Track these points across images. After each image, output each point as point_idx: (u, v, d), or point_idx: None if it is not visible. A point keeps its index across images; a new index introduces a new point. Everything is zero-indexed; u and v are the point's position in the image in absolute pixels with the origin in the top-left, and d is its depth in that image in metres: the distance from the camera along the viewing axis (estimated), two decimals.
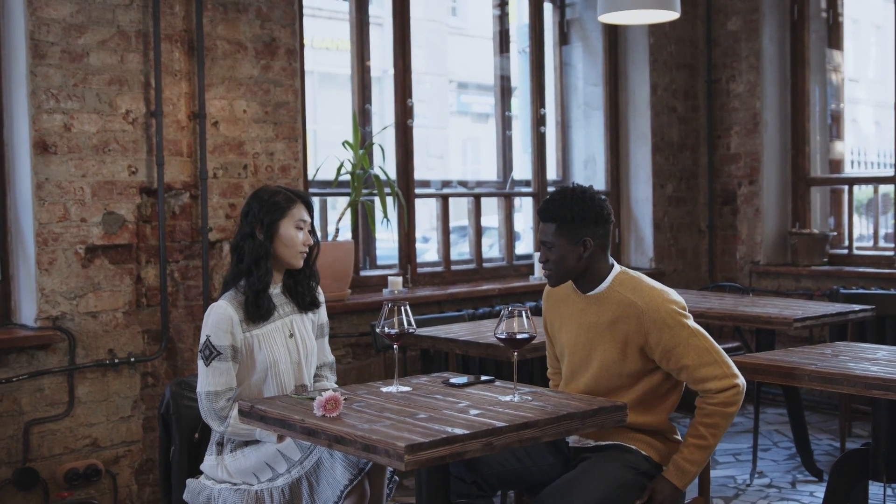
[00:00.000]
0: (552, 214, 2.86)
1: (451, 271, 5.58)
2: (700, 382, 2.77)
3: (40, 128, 3.85)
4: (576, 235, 2.84)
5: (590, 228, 2.85)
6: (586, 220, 2.84)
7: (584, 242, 2.84)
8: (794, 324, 4.15)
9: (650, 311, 2.78)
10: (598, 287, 2.90)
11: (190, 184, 4.26)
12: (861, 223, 7.69)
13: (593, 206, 2.86)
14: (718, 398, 2.75)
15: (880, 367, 3.00)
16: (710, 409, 2.76)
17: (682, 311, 2.82)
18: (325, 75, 13.89)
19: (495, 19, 6.07)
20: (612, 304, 2.86)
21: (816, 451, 4.88)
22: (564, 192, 2.88)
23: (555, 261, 2.86)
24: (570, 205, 2.84)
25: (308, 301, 3.12)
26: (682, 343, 2.77)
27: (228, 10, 4.35)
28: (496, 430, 2.31)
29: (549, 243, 2.86)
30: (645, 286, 2.85)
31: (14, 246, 3.95)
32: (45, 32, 3.85)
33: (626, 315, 2.82)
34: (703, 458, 2.77)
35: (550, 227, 2.86)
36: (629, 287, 2.86)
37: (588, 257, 2.86)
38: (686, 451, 2.78)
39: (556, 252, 2.85)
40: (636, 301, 2.81)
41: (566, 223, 2.84)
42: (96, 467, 3.98)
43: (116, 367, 4.05)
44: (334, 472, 2.81)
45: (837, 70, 6.56)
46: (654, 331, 2.77)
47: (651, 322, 2.78)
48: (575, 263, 2.86)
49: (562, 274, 2.88)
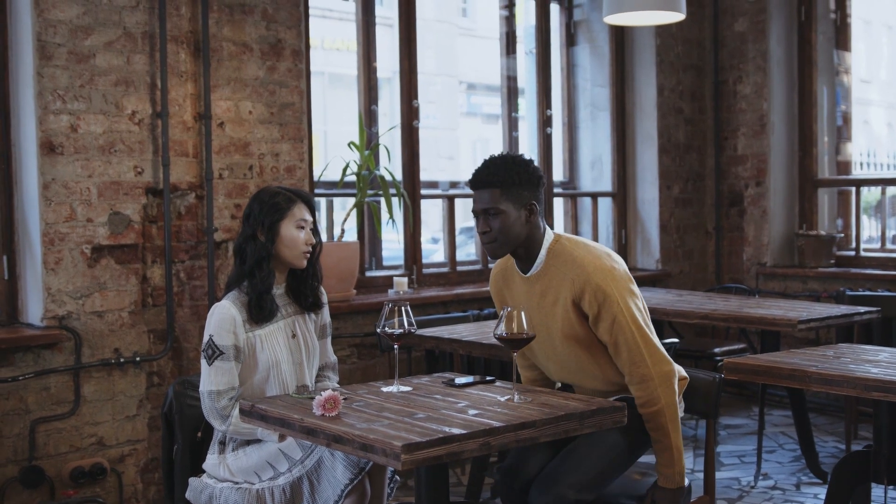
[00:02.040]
0: (494, 179, 2.77)
1: (457, 272, 5.59)
2: (618, 361, 2.79)
3: (47, 128, 3.88)
4: (520, 199, 2.78)
5: (532, 192, 2.80)
6: (530, 183, 2.79)
7: (529, 206, 2.79)
8: (798, 325, 4.15)
9: (579, 280, 2.76)
10: (535, 264, 2.86)
11: (195, 184, 4.29)
12: (869, 225, 7.67)
13: (534, 169, 2.82)
14: (638, 396, 2.77)
15: (881, 370, 2.99)
16: (642, 412, 2.78)
17: (615, 280, 2.77)
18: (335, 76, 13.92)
19: (502, 20, 6.08)
20: (551, 278, 2.83)
21: (822, 453, 4.87)
22: (503, 157, 2.81)
23: (500, 228, 2.77)
24: (513, 168, 2.78)
25: (311, 302, 3.14)
26: (608, 318, 2.75)
27: (234, 11, 4.37)
28: (494, 430, 2.32)
29: (492, 210, 2.77)
30: (578, 255, 2.81)
31: (21, 246, 3.98)
32: (51, 34, 3.88)
33: (562, 288, 2.80)
34: (670, 456, 2.78)
35: (493, 192, 2.77)
36: (561, 258, 2.83)
37: (531, 224, 2.81)
38: (657, 456, 2.82)
39: (501, 218, 2.77)
40: (567, 272, 2.79)
41: (511, 186, 2.76)
42: (102, 466, 4.01)
43: (122, 367, 4.08)
44: (335, 472, 2.82)
45: (847, 71, 6.54)
46: (583, 299, 2.76)
47: (580, 291, 2.76)
48: (520, 230, 2.79)
49: (508, 241, 2.80)
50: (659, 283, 6.19)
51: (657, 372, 2.77)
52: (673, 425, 2.77)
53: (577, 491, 2.76)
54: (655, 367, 2.77)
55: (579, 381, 2.95)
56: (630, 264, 6.20)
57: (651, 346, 2.78)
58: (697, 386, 3.05)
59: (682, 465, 2.81)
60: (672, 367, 2.81)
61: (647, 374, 2.76)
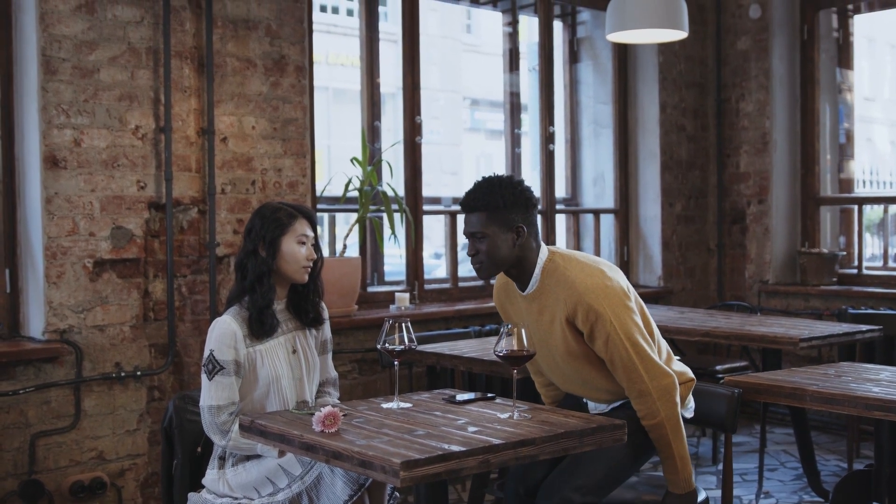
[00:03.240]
0: (480, 203, 2.79)
1: (459, 288, 5.60)
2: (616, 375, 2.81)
3: (50, 142, 3.89)
4: (508, 222, 2.78)
5: (521, 214, 2.81)
6: (517, 205, 2.79)
7: (517, 229, 2.80)
8: (800, 343, 4.13)
9: (571, 299, 2.77)
10: (531, 283, 2.87)
11: (198, 199, 4.30)
12: (872, 243, 7.66)
13: (522, 191, 2.82)
14: (638, 409, 2.80)
15: (882, 388, 2.99)
16: (644, 424, 2.80)
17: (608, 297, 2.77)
18: (340, 91, 13.95)
19: (506, 37, 6.11)
20: (547, 299, 2.84)
21: (824, 471, 4.85)
22: (490, 181, 2.82)
23: (486, 251, 2.79)
24: (499, 191, 2.78)
25: (312, 317, 3.14)
26: (601, 336, 2.76)
27: (238, 27, 4.39)
28: (493, 448, 2.31)
29: (479, 234, 2.79)
30: (571, 275, 2.81)
31: (23, 259, 3.99)
32: (56, 49, 3.90)
33: (556, 308, 2.81)
34: (674, 465, 2.80)
35: (479, 217, 2.79)
36: (555, 277, 2.83)
37: (520, 245, 2.82)
38: (663, 465, 2.85)
39: (488, 242, 2.78)
40: (560, 292, 2.80)
41: (497, 210, 2.77)
42: (102, 480, 4.00)
43: (123, 381, 4.08)
44: (334, 488, 2.81)
45: (850, 89, 6.55)
46: (577, 317, 2.78)
47: (572, 309, 2.77)
48: (508, 252, 2.80)
49: (495, 264, 2.82)
50: (661, 300, 6.18)
51: (654, 386, 2.77)
52: (674, 435, 2.79)
53: (583, 495, 2.78)
54: (653, 381, 2.77)
55: (586, 393, 2.99)
56: (632, 281, 6.20)
57: (647, 360, 2.78)
58: (715, 400, 3.07)
59: (688, 471, 2.82)
60: (672, 378, 2.81)
61: (644, 390, 2.77)
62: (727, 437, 3.06)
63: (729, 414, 3.03)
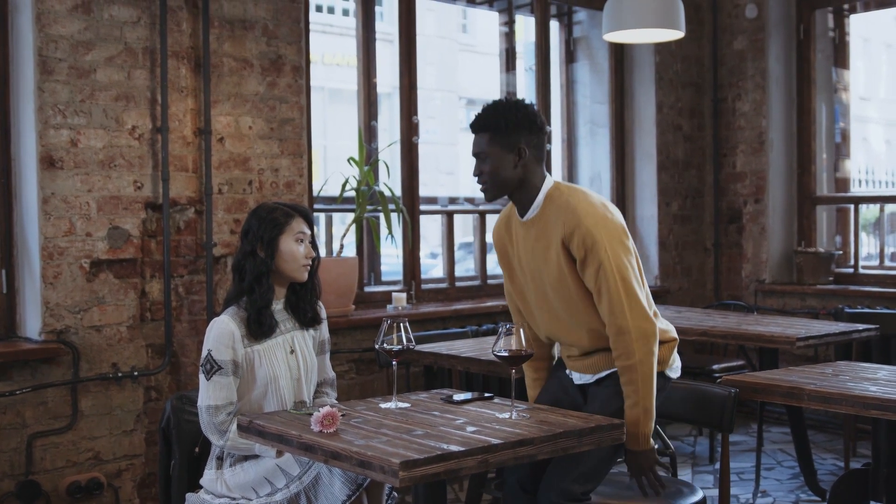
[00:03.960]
0: (485, 124, 2.81)
1: (456, 287, 5.60)
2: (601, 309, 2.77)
3: (47, 143, 3.88)
4: (510, 143, 2.79)
5: (524, 136, 2.80)
6: (520, 127, 2.79)
7: (518, 150, 2.80)
8: (797, 343, 4.14)
9: (569, 224, 2.75)
10: (532, 208, 2.86)
11: (195, 199, 4.29)
12: (867, 242, 7.67)
13: (527, 113, 2.81)
14: (615, 347, 2.75)
15: (880, 388, 3.00)
16: (618, 365, 2.76)
17: (608, 230, 2.76)
18: (336, 91, 13.96)
19: (502, 37, 6.10)
20: (545, 223, 2.83)
21: (820, 470, 4.86)
22: (497, 103, 2.83)
23: (489, 171, 2.81)
24: (503, 112, 2.79)
25: (310, 317, 3.14)
26: (594, 264, 2.74)
27: (235, 27, 4.38)
28: (492, 448, 2.31)
29: (483, 154, 2.81)
30: (573, 202, 2.80)
31: (20, 259, 3.99)
32: (52, 49, 3.89)
33: (554, 233, 2.80)
34: (637, 415, 2.75)
35: (483, 137, 2.81)
36: (557, 204, 2.82)
37: (523, 167, 2.81)
38: (626, 413, 2.78)
39: (491, 162, 2.80)
40: (560, 216, 2.79)
41: (500, 131, 2.79)
42: (98, 481, 3.99)
43: (120, 381, 4.07)
44: (333, 488, 2.81)
45: (846, 89, 6.56)
46: (572, 242, 2.76)
47: (570, 235, 2.75)
48: (510, 173, 2.81)
49: (498, 185, 2.83)
50: (657, 299, 6.18)
51: (635, 326, 2.73)
52: (644, 383, 2.74)
53: (581, 483, 2.78)
54: (635, 321, 2.74)
55: (566, 334, 2.93)
56: None
57: (634, 299, 2.75)
58: (712, 400, 3.06)
59: (649, 427, 2.77)
60: (653, 326, 2.77)
61: (624, 327, 2.73)
62: (724, 437, 3.06)
63: (726, 413, 3.03)
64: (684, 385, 3.19)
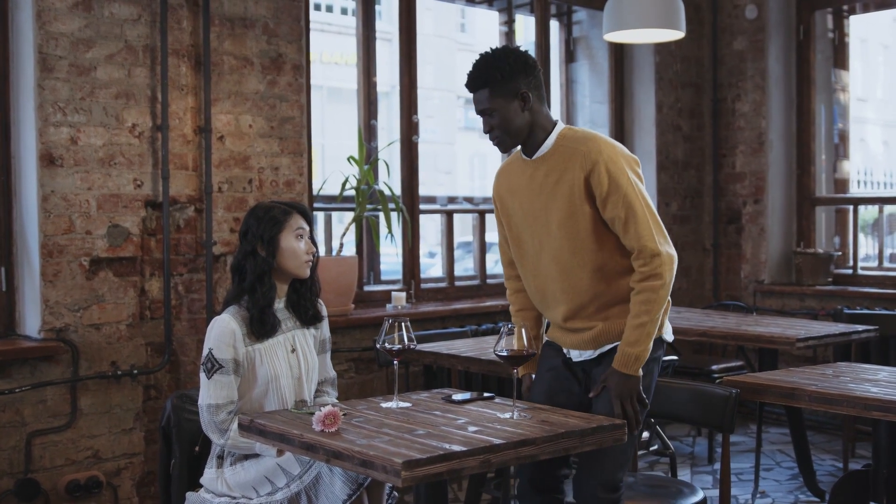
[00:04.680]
0: (481, 79, 2.79)
1: (455, 287, 5.59)
2: (626, 238, 2.74)
3: (47, 140, 3.88)
4: (511, 91, 2.77)
5: (522, 80, 2.78)
6: (516, 72, 2.77)
7: (521, 95, 2.78)
8: (796, 343, 4.14)
9: (592, 154, 2.73)
10: (544, 145, 2.84)
11: (195, 197, 4.29)
12: (866, 243, 7.68)
13: (517, 57, 2.80)
14: (642, 271, 2.72)
15: (881, 389, 3.00)
16: (638, 286, 2.73)
17: (626, 159, 2.77)
18: (334, 90, 13.95)
19: (502, 36, 6.10)
20: (558, 157, 2.81)
21: (819, 471, 4.87)
22: (485, 56, 2.81)
23: (499, 124, 2.80)
24: (495, 63, 2.78)
25: (311, 315, 3.13)
26: (618, 192, 2.72)
27: (235, 25, 4.38)
28: (494, 448, 2.31)
29: (488, 110, 2.80)
30: (590, 135, 2.80)
31: (19, 257, 3.98)
32: (53, 46, 3.88)
33: (570, 163, 2.77)
34: (640, 336, 2.73)
35: (483, 93, 2.79)
36: (572, 138, 2.81)
37: (530, 111, 2.80)
38: (625, 333, 2.76)
39: (498, 115, 2.78)
40: (578, 147, 2.77)
41: (497, 82, 2.77)
42: (97, 479, 3.99)
43: (119, 380, 4.07)
44: (333, 487, 2.81)
45: (844, 90, 6.57)
46: (593, 172, 2.73)
47: (592, 164, 2.73)
48: (520, 121, 2.80)
49: (512, 135, 2.82)
50: None
51: (665, 251, 2.73)
52: (659, 306, 2.73)
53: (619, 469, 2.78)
54: (663, 246, 2.74)
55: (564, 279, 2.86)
56: None
57: (659, 226, 2.77)
58: (713, 400, 3.06)
59: (645, 352, 2.74)
60: (675, 257, 2.78)
61: (655, 250, 2.72)
62: (725, 438, 3.06)
63: (727, 414, 3.03)
64: (685, 385, 3.20)
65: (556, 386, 2.95)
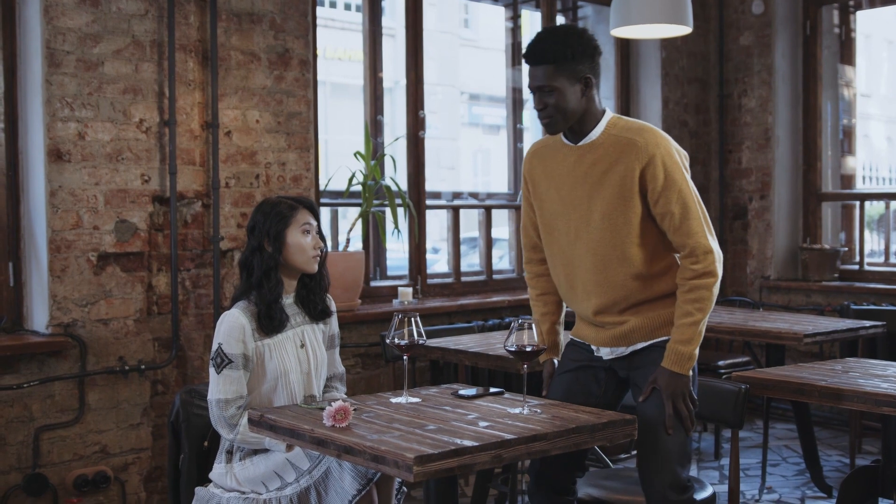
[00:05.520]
0: (547, 54, 2.68)
1: (462, 283, 5.59)
2: (678, 234, 2.70)
3: (55, 136, 3.87)
4: (575, 74, 2.68)
5: (587, 64, 2.70)
6: (584, 56, 2.69)
7: (584, 80, 2.70)
8: (804, 339, 4.14)
9: (649, 147, 2.67)
10: (592, 133, 2.76)
11: (202, 193, 4.28)
12: (872, 239, 7.67)
13: (588, 40, 2.72)
14: (694, 269, 2.67)
15: (891, 384, 2.99)
16: (689, 284, 2.68)
17: (679, 154, 2.73)
18: (337, 86, 13.95)
19: (508, 32, 6.09)
20: (609, 147, 2.72)
21: (826, 467, 4.86)
22: (555, 30, 2.74)
23: (555, 104, 2.69)
24: (566, 41, 2.68)
25: (320, 310, 3.13)
26: (674, 187, 2.67)
27: (243, 20, 4.37)
28: (505, 443, 2.31)
29: (547, 87, 2.69)
30: (644, 125, 2.75)
31: (27, 253, 3.98)
32: (60, 41, 3.88)
33: (623, 154, 2.69)
34: (692, 334, 2.68)
35: (546, 69, 2.68)
36: (625, 127, 2.74)
37: (587, 97, 2.72)
38: (676, 332, 2.70)
39: (556, 95, 2.68)
40: (634, 138, 2.69)
41: (565, 61, 2.67)
42: (105, 474, 3.99)
43: (126, 375, 4.07)
44: (343, 482, 2.81)
45: (849, 85, 6.56)
46: (650, 166, 2.67)
47: (648, 157, 2.67)
48: (576, 105, 2.71)
49: (566, 117, 2.72)
50: None
51: (716, 249, 2.70)
52: (710, 304, 2.69)
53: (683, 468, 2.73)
54: (714, 244, 2.71)
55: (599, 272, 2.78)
56: None
57: (709, 223, 2.72)
58: (721, 396, 3.06)
59: (696, 351, 2.70)
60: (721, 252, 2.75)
61: (708, 247, 2.68)
62: (734, 433, 3.06)
63: (736, 410, 3.03)
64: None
65: (575, 388, 2.90)
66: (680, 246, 2.72)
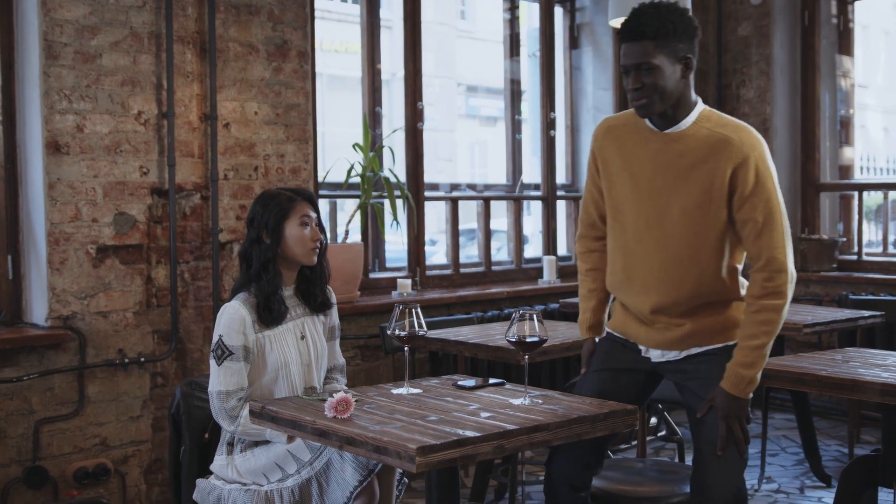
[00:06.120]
0: (648, 30, 2.49)
1: (460, 274, 5.59)
2: (755, 244, 2.56)
3: (53, 128, 3.86)
4: (677, 53, 2.52)
5: (688, 45, 2.54)
6: (687, 35, 2.53)
7: (685, 60, 2.54)
8: (803, 329, 4.14)
9: (744, 147, 2.53)
10: (682, 123, 2.60)
11: (201, 185, 4.28)
12: (870, 229, 7.67)
13: (689, 18, 2.55)
14: (766, 286, 2.54)
15: (891, 374, 3.00)
16: (758, 304, 2.55)
17: (771, 161, 2.59)
18: (335, 77, 13.92)
19: (505, 23, 6.08)
20: (699, 141, 2.57)
21: (825, 456, 4.87)
22: (656, 5, 2.54)
23: (652, 84, 2.51)
24: (669, 17, 2.51)
25: (320, 301, 3.13)
26: (762, 194, 2.53)
27: (241, 12, 4.36)
28: (507, 433, 2.31)
29: (645, 65, 2.50)
30: (741, 124, 2.60)
31: (26, 245, 3.97)
32: (58, 33, 3.87)
33: (715, 151, 2.54)
34: (755, 357, 2.55)
35: (646, 45, 2.49)
36: (720, 123, 2.59)
37: (685, 80, 2.56)
38: (739, 354, 2.57)
39: (655, 74, 2.50)
40: (730, 135, 2.55)
41: (668, 37, 2.50)
42: (105, 466, 3.99)
43: (126, 367, 4.07)
44: (344, 473, 2.81)
45: (847, 76, 6.55)
46: (742, 167, 2.52)
47: (742, 158, 2.52)
48: (675, 87, 2.53)
49: (663, 99, 2.54)
50: None
51: (790, 268, 2.57)
52: (776, 328, 2.56)
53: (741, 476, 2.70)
54: (790, 262, 2.58)
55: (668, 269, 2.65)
56: None
57: (790, 241, 2.60)
58: None
59: (759, 376, 2.57)
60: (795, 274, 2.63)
61: (783, 265, 2.55)
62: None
63: None
64: None
65: (611, 389, 2.79)
66: (755, 257, 2.59)
